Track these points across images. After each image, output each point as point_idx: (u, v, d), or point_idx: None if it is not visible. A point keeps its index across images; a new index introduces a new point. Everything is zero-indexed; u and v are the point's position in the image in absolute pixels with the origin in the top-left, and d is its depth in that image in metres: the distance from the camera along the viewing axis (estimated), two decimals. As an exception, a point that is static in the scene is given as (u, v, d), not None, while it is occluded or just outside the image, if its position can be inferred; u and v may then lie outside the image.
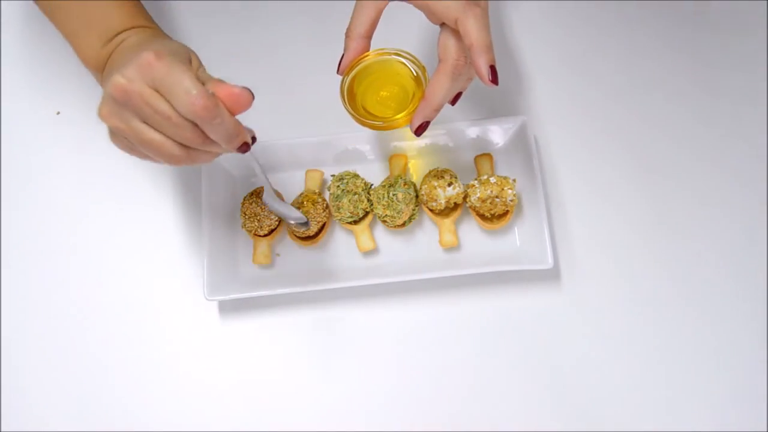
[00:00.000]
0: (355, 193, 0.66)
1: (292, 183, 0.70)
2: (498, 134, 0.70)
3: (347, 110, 0.57)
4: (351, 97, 0.58)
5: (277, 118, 0.71)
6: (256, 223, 0.66)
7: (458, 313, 0.66)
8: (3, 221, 0.71)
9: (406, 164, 0.70)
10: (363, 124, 0.58)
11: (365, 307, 0.67)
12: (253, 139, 0.50)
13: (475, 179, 0.67)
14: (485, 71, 0.50)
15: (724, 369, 0.64)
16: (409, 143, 0.70)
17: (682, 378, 0.64)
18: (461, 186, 0.66)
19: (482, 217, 0.67)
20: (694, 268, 0.67)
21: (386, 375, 0.65)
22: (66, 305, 0.68)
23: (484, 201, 0.65)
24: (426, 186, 0.66)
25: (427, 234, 0.69)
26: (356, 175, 0.68)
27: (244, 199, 0.68)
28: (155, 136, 0.45)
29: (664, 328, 0.65)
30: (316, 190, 0.69)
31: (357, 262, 0.68)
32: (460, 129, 0.69)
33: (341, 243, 0.69)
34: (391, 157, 0.70)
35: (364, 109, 0.59)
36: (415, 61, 0.58)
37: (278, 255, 0.69)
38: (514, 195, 0.65)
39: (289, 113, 0.72)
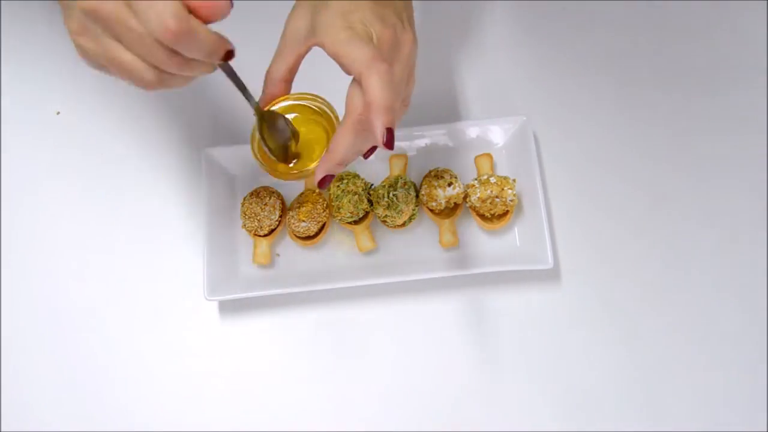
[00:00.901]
0: (355, 193, 0.66)
1: (292, 183, 0.70)
2: (498, 134, 0.70)
3: (256, 159, 0.56)
4: (262, 148, 0.55)
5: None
6: (256, 223, 0.66)
7: (458, 313, 0.66)
8: (3, 221, 0.71)
9: (406, 164, 0.70)
10: (274, 174, 0.55)
11: (365, 307, 0.67)
12: (232, 52, 0.46)
13: (475, 179, 0.67)
14: (380, 133, 0.46)
15: (724, 369, 0.64)
16: (409, 143, 0.70)
17: (682, 378, 0.64)
18: (461, 186, 0.66)
19: (482, 217, 0.67)
20: (695, 268, 0.67)
21: (386, 374, 0.65)
22: (66, 305, 0.68)
23: (484, 201, 0.65)
24: (426, 186, 0.66)
25: (427, 234, 0.69)
26: (356, 175, 0.68)
27: (244, 199, 0.68)
28: (126, 57, 0.42)
29: (664, 327, 0.65)
30: (317, 190, 0.69)
31: (357, 262, 0.68)
32: (460, 129, 0.69)
33: (341, 243, 0.69)
34: (391, 157, 0.70)
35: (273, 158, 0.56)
36: (329, 107, 0.56)
37: (278, 255, 0.69)
38: (514, 195, 0.65)
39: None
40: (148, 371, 0.66)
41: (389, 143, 0.47)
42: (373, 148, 0.54)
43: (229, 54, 0.45)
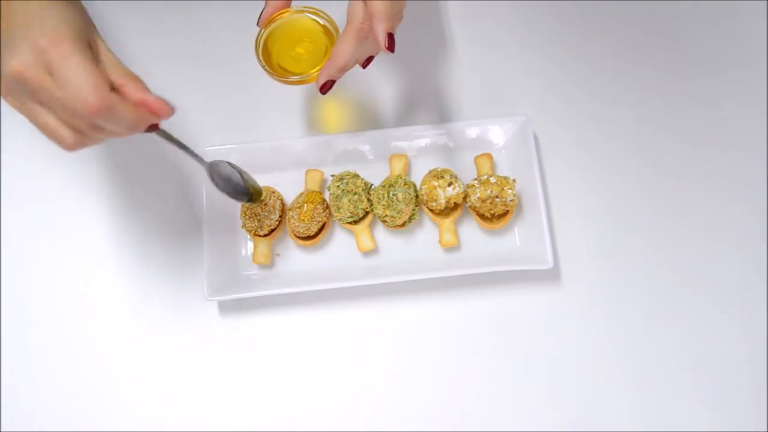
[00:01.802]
0: (355, 193, 0.66)
1: (292, 183, 0.70)
2: (498, 134, 0.70)
3: (261, 65, 0.59)
4: (266, 55, 0.60)
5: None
6: (256, 223, 0.66)
7: (458, 313, 0.66)
8: (3, 221, 0.71)
9: (406, 164, 0.70)
10: (277, 79, 0.59)
11: (365, 307, 0.67)
12: (156, 125, 0.48)
13: (475, 179, 0.67)
14: (382, 38, 0.52)
15: (724, 369, 0.64)
16: (409, 143, 0.70)
17: (682, 378, 0.64)
18: (461, 186, 0.66)
19: (482, 217, 0.67)
20: (695, 267, 0.67)
21: (386, 374, 0.65)
22: (66, 305, 0.68)
23: (484, 201, 0.65)
24: (426, 186, 0.66)
25: (427, 234, 0.69)
26: (356, 175, 0.68)
27: (244, 199, 0.68)
28: (48, 121, 0.45)
29: (664, 327, 0.65)
30: (316, 190, 0.69)
31: (357, 262, 0.68)
32: (460, 129, 0.69)
33: (341, 243, 0.69)
34: (391, 157, 0.69)
35: (279, 65, 0.60)
36: (329, 20, 0.60)
37: (278, 255, 0.69)
38: (514, 195, 0.65)
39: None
40: (149, 371, 0.66)
41: (391, 46, 0.52)
42: (371, 58, 0.58)
43: (153, 127, 0.48)
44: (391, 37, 0.52)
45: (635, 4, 0.75)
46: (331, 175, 0.69)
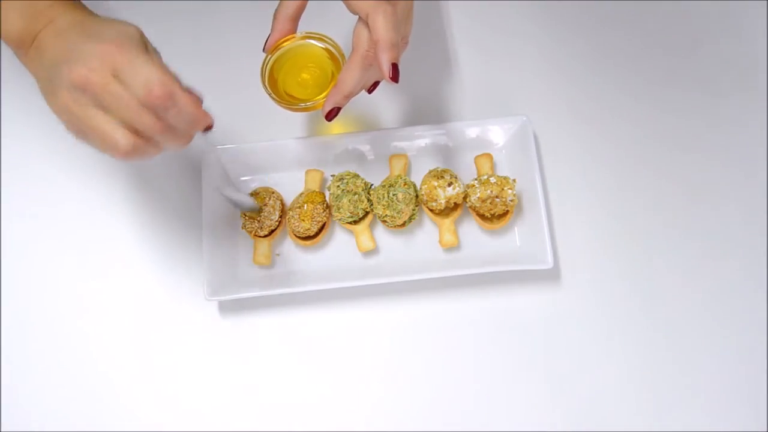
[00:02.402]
0: (355, 193, 0.66)
1: (292, 183, 0.70)
2: (498, 134, 0.70)
3: (267, 92, 0.59)
4: (272, 81, 0.60)
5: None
6: (256, 224, 0.66)
7: (458, 313, 0.66)
8: (3, 221, 0.71)
9: (406, 164, 0.70)
10: (283, 106, 0.59)
11: (365, 306, 0.67)
12: (211, 126, 0.51)
13: (475, 179, 0.67)
14: (386, 68, 0.52)
15: (724, 369, 0.64)
16: (409, 143, 0.70)
17: (682, 378, 0.64)
18: (461, 186, 0.66)
19: (482, 217, 0.67)
20: (695, 267, 0.67)
21: (386, 374, 0.65)
22: (66, 305, 0.68)
23: (484, 201, 0.65)
24: (426, 186, 0.66)
25: (427, 234, 0.69)
26: (356, 175, 0.68)
27: (244, 199, 0.68)
28: (105, 126, 0.46)
29: (664, 327, 0.65)
30: (317, 190, 0.69)
31: (357, 262, 0.68)
32: (460, 129, 0.69)
33: (341, 243, 0.69)
34: (391, 157, 0.70)
35: (285, 92, 0.61)
36: (334, 45, 0.60)
37: (278, 255, 0.69)
38: (514, 195, 0.65)
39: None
40: (149, 371, 0.66)
41: (395, 77, 0.52)
42: (377, 83, 0.58)
43: (209, 127, 0.50)
44: (395, 67, 0.52)
45: (637, 5, 0.75)
46: (331, 175, 0.69)
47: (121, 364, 0.67)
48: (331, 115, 0.56)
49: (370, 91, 0.59)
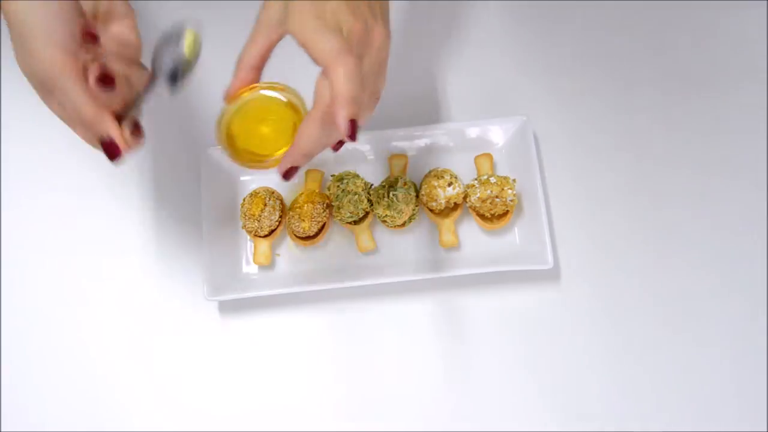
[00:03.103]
0: (355, 193, 0.66)
1: (293, 183, 0.70)
2: (498, 134, 0.70)
3: (221, 147, 0.54)
4: (230, 135, 0.54)
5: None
6: (256, 224, 0.66)
7: (458, 313, 0.66)
8: (3, 221, 0.71)
9: (406, 164, 0.70)
10: (239, 163, 0.54)
11: (365, 307, 0.67)
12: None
13: (475, 179, 0.67)
14: (343, 125, 0.45)
15: (724, 369, 0.64)
16: (409, 143, 0.70)
17: (682, 378, 0.64)
18: (461, 186, 0.66)
19: (482, 217, 0.67)
20: (695, 267, 0.67)
21: (386, 374, 0.65)
22: (66, 306, 0.68)
23: (484, 201, 0.65)
24: (426, 186, 0.66)
25: (427, 234, 0.69)
26: (356, 175, 0.68)
27: (243, 200, 0.68)
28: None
29: (664, 327, 0.65)
30: (316, 190, 0.69)
31: (357, 262, 0.68)
32: (460, 129, 0.69)
33: (341, 243, 0.69)
34: (391, 157, 0.69)
35: (243, 148, 0.55)
36: (295, 95, 0.54)
37: (278, 255, 0.69)
38: (514, 195, 0.65)
39: None
40: (149, 371, 0.66)
41: (352, 135, 0.45)
42: (341, 142, 0.53)
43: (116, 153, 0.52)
44: (353, 123, 0.45)
45: (636, 5, 0.75)
46: (331, 175, 0.69)
47: (120, 364, 0.67)
48: (288, 174, 0.51)
49: (335, 149, 0.54)
